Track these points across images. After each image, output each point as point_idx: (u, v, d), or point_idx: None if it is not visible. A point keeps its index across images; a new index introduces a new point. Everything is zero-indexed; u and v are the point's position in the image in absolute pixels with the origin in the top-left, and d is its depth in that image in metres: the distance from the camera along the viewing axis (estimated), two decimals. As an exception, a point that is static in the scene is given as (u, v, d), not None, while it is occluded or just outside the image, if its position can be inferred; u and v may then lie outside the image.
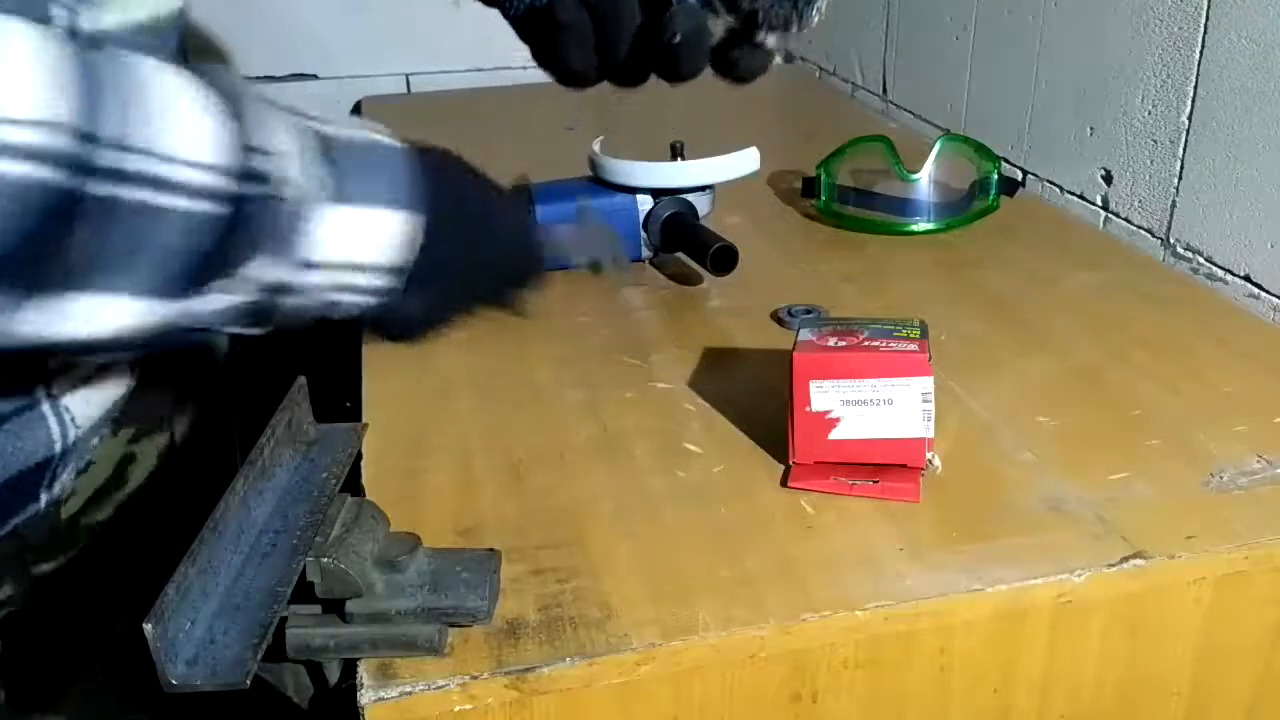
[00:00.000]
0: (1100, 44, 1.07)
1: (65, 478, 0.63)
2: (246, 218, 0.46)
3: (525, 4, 0.66)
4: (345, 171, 0.50)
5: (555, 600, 0.56)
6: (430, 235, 0.54)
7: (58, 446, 0.61)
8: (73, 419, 0.62)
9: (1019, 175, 1.22)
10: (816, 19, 0.61)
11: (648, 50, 0.63)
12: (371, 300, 0.54)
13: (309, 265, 0.50)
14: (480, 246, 0.59)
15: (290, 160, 0.48)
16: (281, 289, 0.50)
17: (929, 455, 0.64)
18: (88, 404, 0.63)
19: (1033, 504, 0.63)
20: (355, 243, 0.51)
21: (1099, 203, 1.10)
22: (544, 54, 0.68)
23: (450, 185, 0.57)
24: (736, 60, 0.63)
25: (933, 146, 1.05)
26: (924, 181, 1.04)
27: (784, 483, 0.65)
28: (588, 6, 0.63)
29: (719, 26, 0.61)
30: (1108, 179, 1.08)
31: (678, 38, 0.60)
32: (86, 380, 0.63)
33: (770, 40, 0.61)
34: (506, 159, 0.69)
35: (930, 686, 0.58)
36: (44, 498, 0.62)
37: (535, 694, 0.51)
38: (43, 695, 0.68)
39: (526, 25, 0.69)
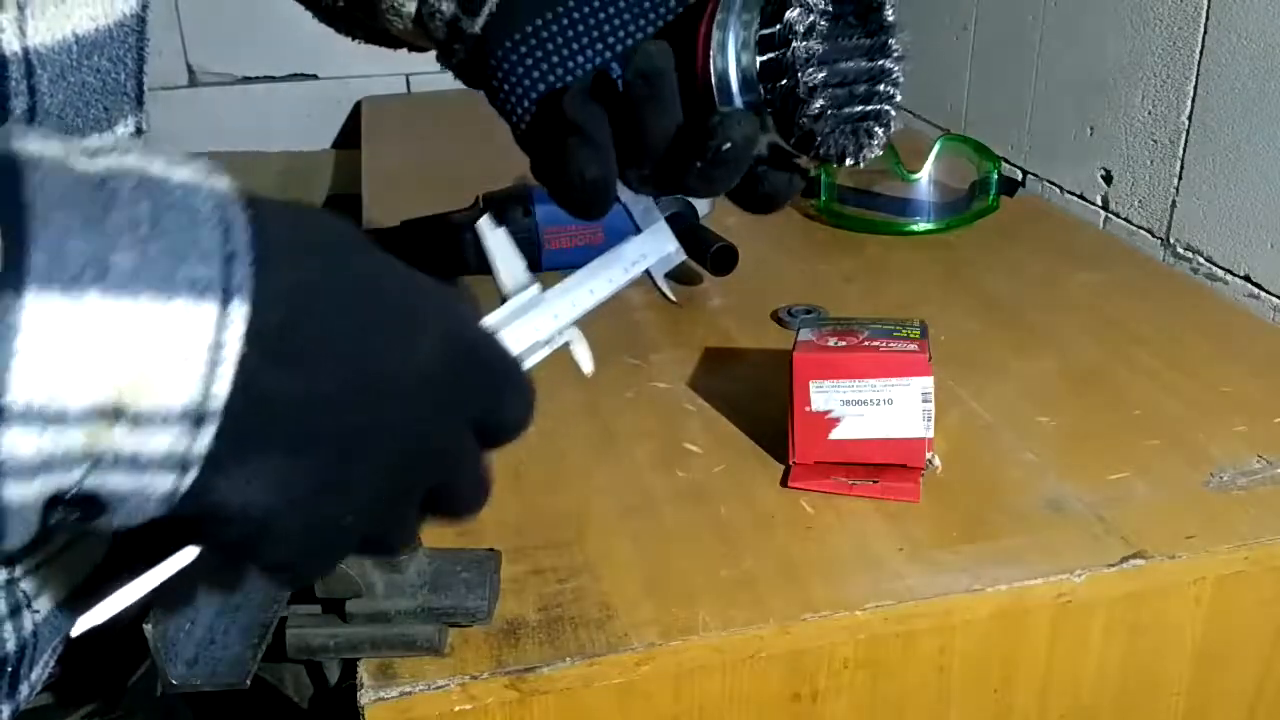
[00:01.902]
0: (1100, 44, 1.07)
1: (34, 677, 0.52)
2: None
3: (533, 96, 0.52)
4: (116, 238, 0.29)
5: (555, 600, 0.56)
6: (290, 346, 0.32)
7: (10, 644, 0.49)
8: (30, 604, 0.50)
9: (1019, 175, 1.22)
10: (877, 153, 0.50)
11: (683, 158, 0.47)
12: (162, 484, 0.31)
13: (9, 418, 0.28)
14: (398, 368, 0.35)
15: None
16: None
17: (929, 455, 0.64)
18: (47, 583, 0.51)
19: (1033, 504, 0.63)
20: (103, 368, 0.29)
21: (1099, 203, 1.10)
22: (546, 163, 0.51)
23: (333, 255, 0.34)
24: (764, 179, 0.49)
25: (933, 146, 1.05)
26: (924, 181, 1.04)
27: (784, 483, 0.65)
28: (610, 100, 0.48)
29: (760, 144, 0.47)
30: (1108, 179, 1.08)
31: (728, 146, 0.45)
32: (47, 560, 0.50)
33: (811, 166, 0.49)
34: (506, 159, 0.68)
35: (930, 686, 0.58)
36: (5, 710, 0.51)
37: (535, 694, 0.51)
38: None
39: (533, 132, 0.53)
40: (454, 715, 0.51)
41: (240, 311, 0.31)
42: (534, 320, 0.45)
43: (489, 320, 0.44)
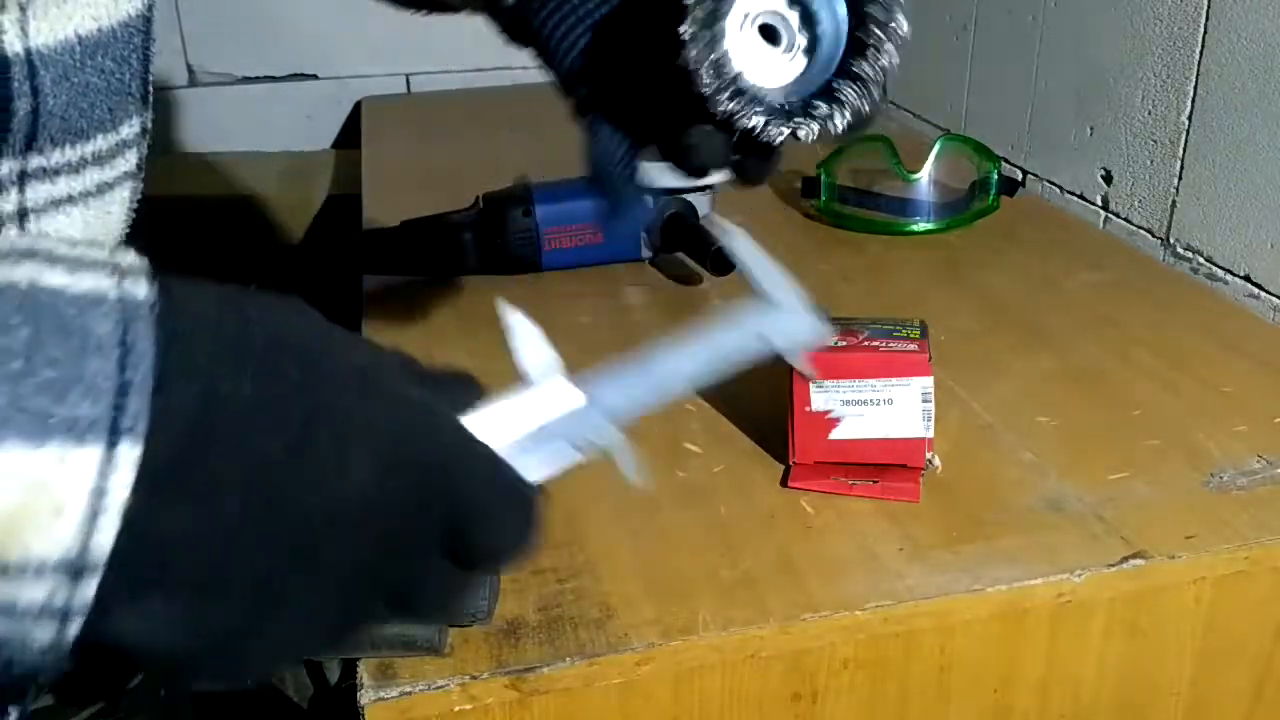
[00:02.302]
0: (1100, 44, 1.07)
1: (42, 678, 0.53)
2: None
3: None
4: None
5: (555, 600, 0.56)
6: (189, 481, 0.29)
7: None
8: None
9: (1019, 175, 1.22)
10: (839, 125, 0.50)
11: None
12: (43, 634, 0.28)
13: None
14: (324, 499, 0.31)
15: None
16: None
17: (929, 455, 0.64)
18: None
19: (1033, 504, 0.63)
20: None
21: (1099, 203, 1.10)
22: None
23: (260, 363, 0.30)
24: (740, 167, 0.52)
25: (933, 146, 1.05)
26: (924, 181, 1.04)
27: (784, 483, 0.65)
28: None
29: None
30: (1108, 179, 1.08)
31: (700, 164, 0.50)
32: None
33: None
34: (506, 159, 0.68)
35: (930, 686, 0.58)
36: (12, 713, 0.49)
37: (535, 694, 0.51)
38: None
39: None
40: (454, 715, 0.51)
41: (130, 455, 0.27)
42: (564, 423, 0.39)
43: (500, 421, 0.37)
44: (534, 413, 0.38)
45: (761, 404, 0.72)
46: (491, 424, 0.37)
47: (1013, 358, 0.81)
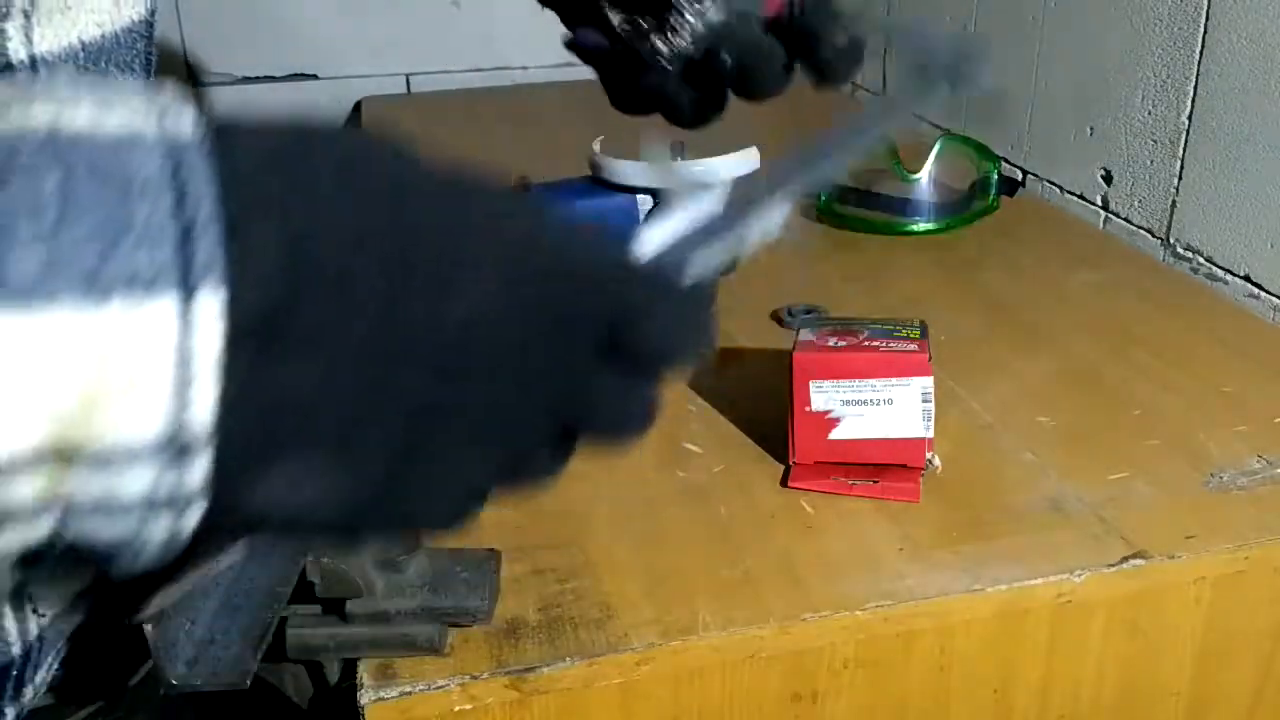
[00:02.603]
0: (1100, 44, 1.07)
1: (38, 680, 0.51)
2: None
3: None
4: (10, 231, 0.23)
5: (555, 600, 0.56)
6: (295, 330, 0.25)
7: (15, 648, 0.48)
8: (35, 607, 0.48)
9: (1019, 175, 1.22)
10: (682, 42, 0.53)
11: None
12: (158, 528, 0.25)
13: None
14: (451, 322, 0.28)
15: None
16: None
17: (929, 455, 0.64)
18: (54, 585, 0.48)
19: (1033, 504, 0.63)
20: (25, 406, 0.23)
21: (1099, 203, 1.10)
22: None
23: (342, 190, 0.26)
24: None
25: (933, 146, 1.05)
26: (924, 181, 1.04)
27: (784, 483, 0.65)
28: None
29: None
30: (1108, 179, 1.08)
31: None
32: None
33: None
34: (506, 159, 0.68)
35: (930, 686, 0.58)
36: (9, 713, 0.49)
37: (535, 694, 0.51)
38: None
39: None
40: (454, 715, 0.51)
41: (211, 308, 0.23)
42: (707, 220, 0.36)
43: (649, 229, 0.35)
44: (672, 216, 0.36)
45: (761, 404, 0.72)
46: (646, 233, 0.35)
47: (1013, 358, 0.81)
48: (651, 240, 0.34)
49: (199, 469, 0.24)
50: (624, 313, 0.30)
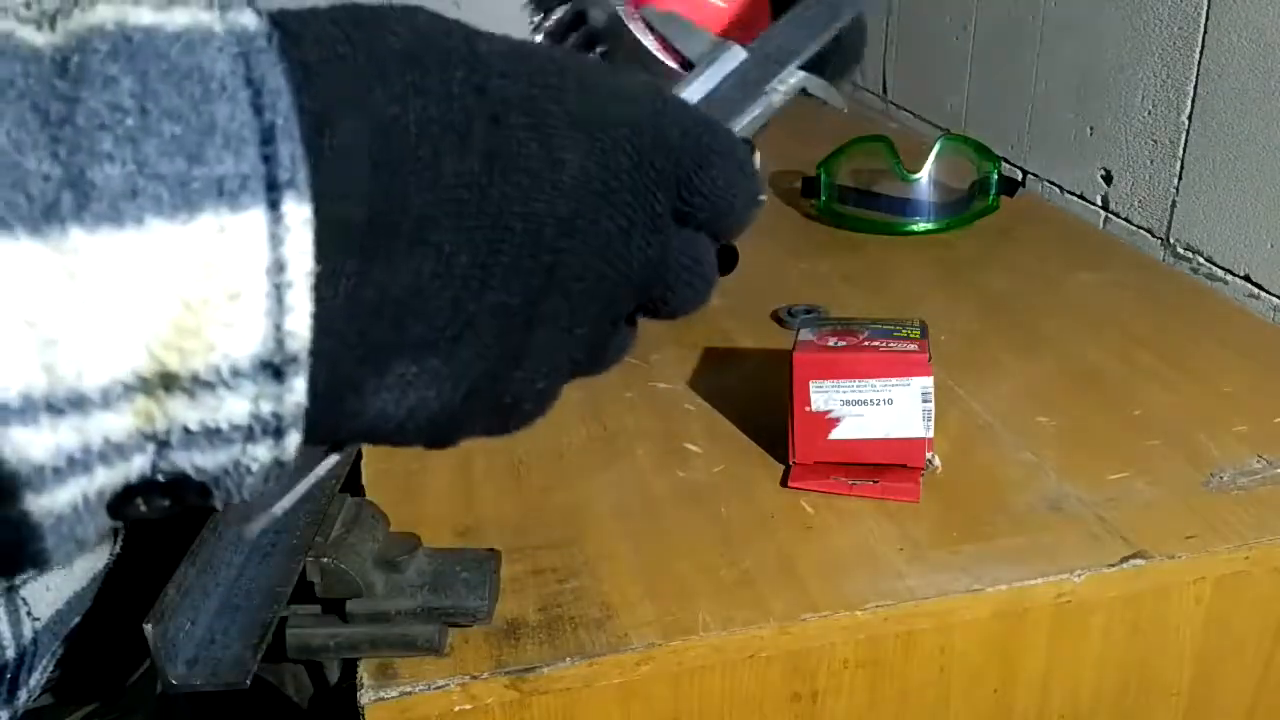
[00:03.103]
0: (1100, 44, 1.07)
1: (33, 682, 0.51)
2: None
3: None
4: (91, 142, 0.21)
5: (555, 600, 0.56)
6: (390, 230, 0.25)
7: (10, 651, 0.48)
8: (29, 610, 0.48)
9: (1019, 175, 1.22)
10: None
11: None
12: (259, 454, 0.24)
13: (4, 416, 0.21)
14: (548, 202, 0.27)
15: None
16: None
17: (929, 455, 0.64)
18: (48, 590, 0.49)
19: (1033, 504, 0.63)
20: (119, 328, 0.21)
21: (1099, 203, 1.10)
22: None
23: (422, 75, 0.25)
24: None
25: (933, 146, 1.05)
26: (924, 181, 1.04)
27: (784, 483, 0.65)
28: None
29: None
30: (1108, 179, 1.08)
31: None
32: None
33: None
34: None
35: (930, 686, 0.58)
36: (4, 715, 0.49)
37: (535, 694, 0.51)
38: None
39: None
40: (454, 715, 0.51)
41: (299, 213, 0.22)
42: (746, 74, 0.37)
43: (692, 90, 0.36)
44: (701, 83, 0.37)
45: (761, 404, 0.72)
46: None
47: (1013, 358, 0.81)
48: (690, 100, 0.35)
49: (299, 388, 0.23)
50: (696, 169, 0.29)
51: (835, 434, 0.64)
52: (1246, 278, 0.92)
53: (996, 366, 0.79)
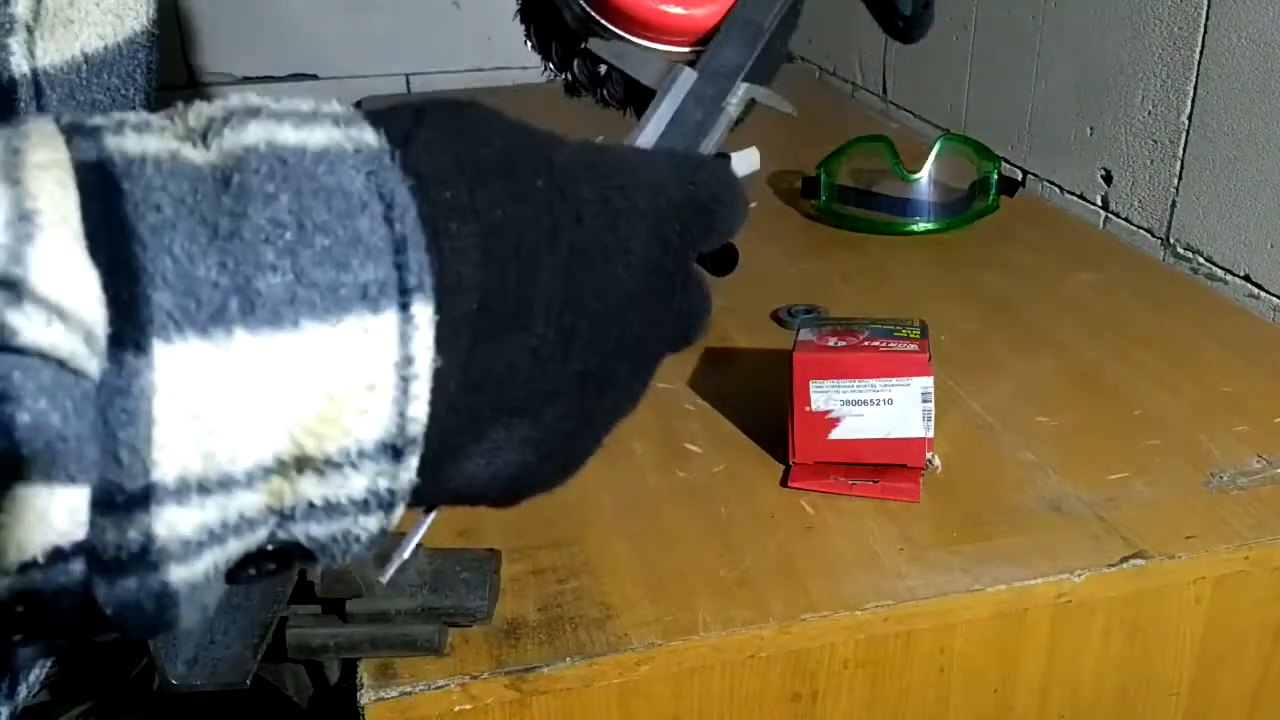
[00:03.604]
0: (1100, 44, 1.07)
1: (32, 678, 0.51)
2: None
3: None
4: (256, 255, 0.23)
5: (555, 600, 0.56)
6: (494, 315, 0.27)
7: None
8: None
9: (1019, 175, 1.22)
10: None
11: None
12: (368, 525, 0.27)
13: (161, 497, 0.23)
14: (622, 267, 0.30)
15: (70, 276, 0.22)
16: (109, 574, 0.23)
17: (929, 455, 0.64)
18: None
19: (1033, 504, 0.63)
20: (269, 418, 0.24)
21: (1099, 203, 1.10)
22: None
23: (513, 178, 0.28)
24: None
25: (933, 146, 1.05)
26: (924, 181, 1.04)
27: (784, 483, 0.65)
28: None
29: None
30: (1108, 179, 1.08)
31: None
32: None
33: None
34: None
35: (930, 686, 0.58)
36: (4, 711, 0.49)
37: (535, 694, 0.51)
38: None
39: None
40: (454, 715, 0.51)
41: (425, 313, 0.25)
42: (702, 91, 0.42)
43: (659, 115, 0.41)
44: (664, 109, 0.42)
45: (761, 404, 0.72)
46: (643, 135, 0.41)
47: (1013, 358, 0.81)
48: (648, 141, 0.41)
49: (411, 468, 0.26)
50: (717, 212, 0.33)
51: (835, 434, 0.64)
52: (1246, 278, 0.92)
53: (996, 366, 0.79)
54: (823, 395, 0.63)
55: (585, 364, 0.30)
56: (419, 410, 0.25)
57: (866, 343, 0.64)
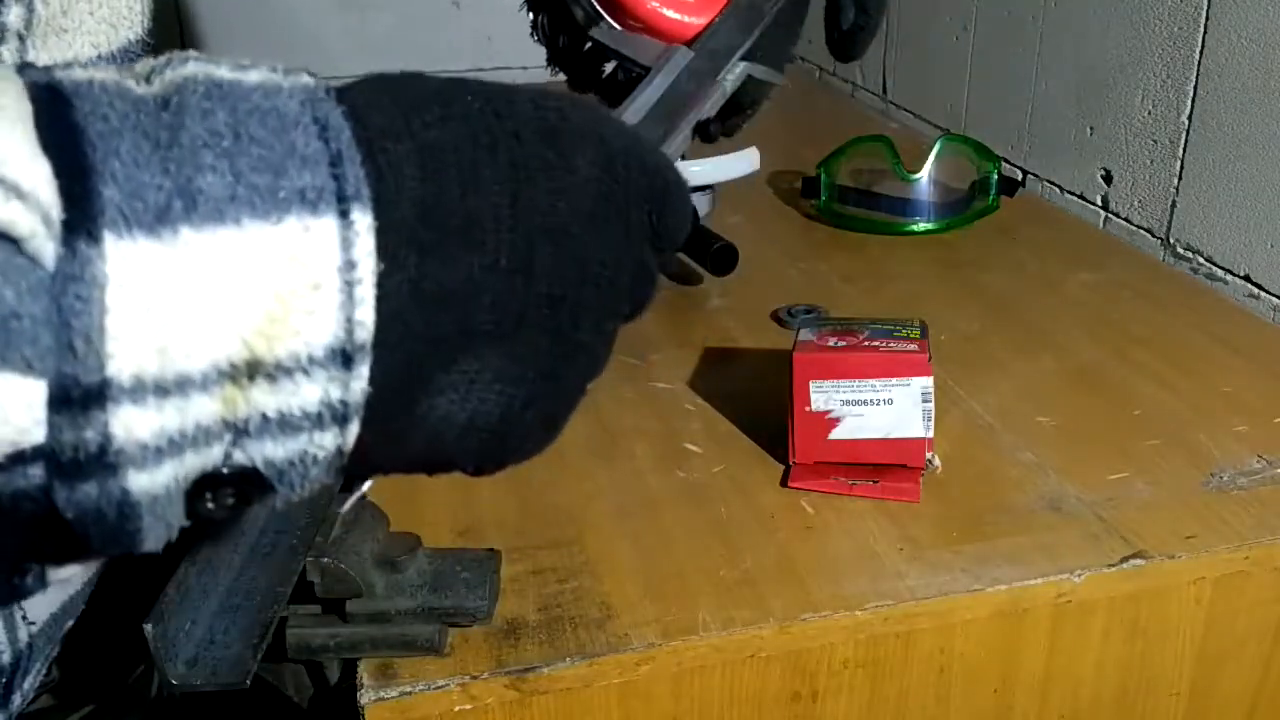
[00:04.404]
0: (1100, 44, 1.07)
1: (26, 686, 0.51)
2: None
3: None
4: (195, 158, 0.25)
5: (555, 600, 0.56)
6: (437, 230, 0.28)
7: (5, 655, 0.48)
8: (25, 615, 0.48)
9: (1019, 175, 1.22)
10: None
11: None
12: (324, 443, 0.27)
13: (117, 395, 0.24)
14: (568, 202, 0.31)
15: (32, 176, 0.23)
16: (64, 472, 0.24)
17: (929, 455, 0.64)
18: (44, 593, 0.48)
19: (1033, 504, 0.63)
20: (221, 315, 0.25)
21: (1099, 203, 1.10)
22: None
23: (448, 113, 0.29)
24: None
25: (933, 146, 1.05)
26: (924, 181, 1.04)
27: (784, 483, 0.65)
28: None
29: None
30: (1108, 179, 1.08)
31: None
32: None
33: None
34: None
35: (930, 686, 0.58)
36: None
37: (535, 694, 0.51)
38: None
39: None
40: (454, 715, 0.51)
41: (364, 220, 0.26)
42: (689, 74, 0.44)
43: (652, 87, 0.43)
44: (659, 81, 0.44)
45: (761, 404, 0.72)
46: (636, 103, 0.43)
47: (1013, 358, 0.81)
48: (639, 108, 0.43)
49: (363, 376, 0.26)
50: (666, 195, 0.34)
51: (835, 434, 0.64)
52: (1246, 278, 0.92)
53: (996, 366, 0.79)
54: (823, 395, 0.63)
55: (550, 285, 0.30)
56: (365, 315, 0.26)
57: (866, 343, 0.64)
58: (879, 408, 0.63)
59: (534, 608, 0.55)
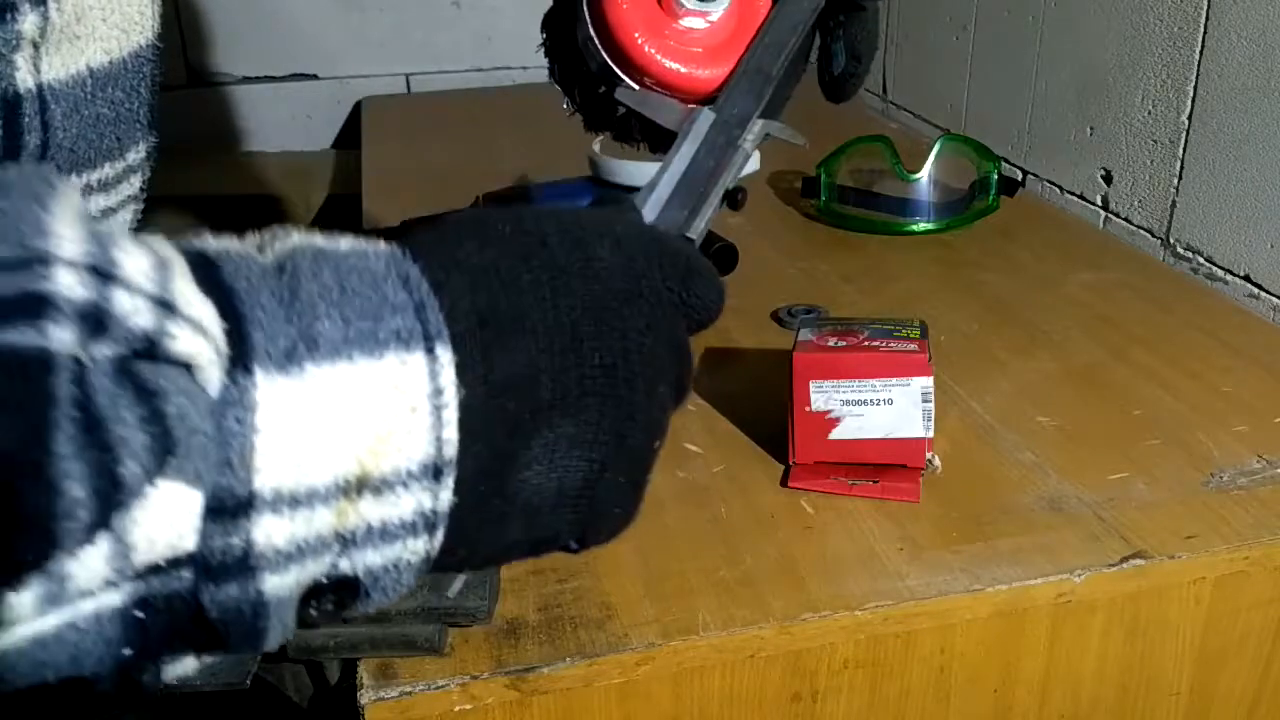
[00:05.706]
0: (1100, 44, 1.07)
1: None
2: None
3: None
4: (313, 309, 0.30)
5: (555, 600, 0.56)
6: (498, 353, 0.33)
7: None
8: None
9: (1019, 175, 1.22)
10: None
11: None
12: (415, 550, 0.31)
13: (260, 506, 0.28)
14: (597, 292, 0.35)
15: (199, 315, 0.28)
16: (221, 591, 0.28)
17: (929, 455, 0.64)
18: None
19: (1033, 504, 0.63)
20: (339, 438, 0.29)
21: (1099, 203, 1.10)
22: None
23: (496, 249, 0.35)
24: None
25: (933, 146, 1.05)
26: (924, 181, 1.04)
27: (784, 483, 0.65)
28: None
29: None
30: (1108, 179, 1.08)
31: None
32: None
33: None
34: (506, 159, 0.68)
35: (930, 687, 0.58)
36: None
37: (535, 694, 0.51)
38: None
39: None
40: (454, 715, 0.51)
41: (446, 354, 0.31)
42: (719, 133, 0.47)
43: (681, 154, 0.46)
44: (684, 151, 0.46)
45: (761, 404, 0.72)
46: (665, 177, 0.46)
47: (1013, 358, 0.81)
48: (656, 204, 0.46)
49: (449, 487, 0.31)
50: (692, 274, 0.38)
51: (835, 434, 0.64)
52: (1246, 278, 0.92)
53: (996, 366, 0.79)
54: (823, 395, 0.63)
55: (600, 356, 0.34)
56: (450, 434, 0.31)
57: (866, 343, 0.64)
58: (879, 408, 0.63)
59: (534, 608, 0.55)
